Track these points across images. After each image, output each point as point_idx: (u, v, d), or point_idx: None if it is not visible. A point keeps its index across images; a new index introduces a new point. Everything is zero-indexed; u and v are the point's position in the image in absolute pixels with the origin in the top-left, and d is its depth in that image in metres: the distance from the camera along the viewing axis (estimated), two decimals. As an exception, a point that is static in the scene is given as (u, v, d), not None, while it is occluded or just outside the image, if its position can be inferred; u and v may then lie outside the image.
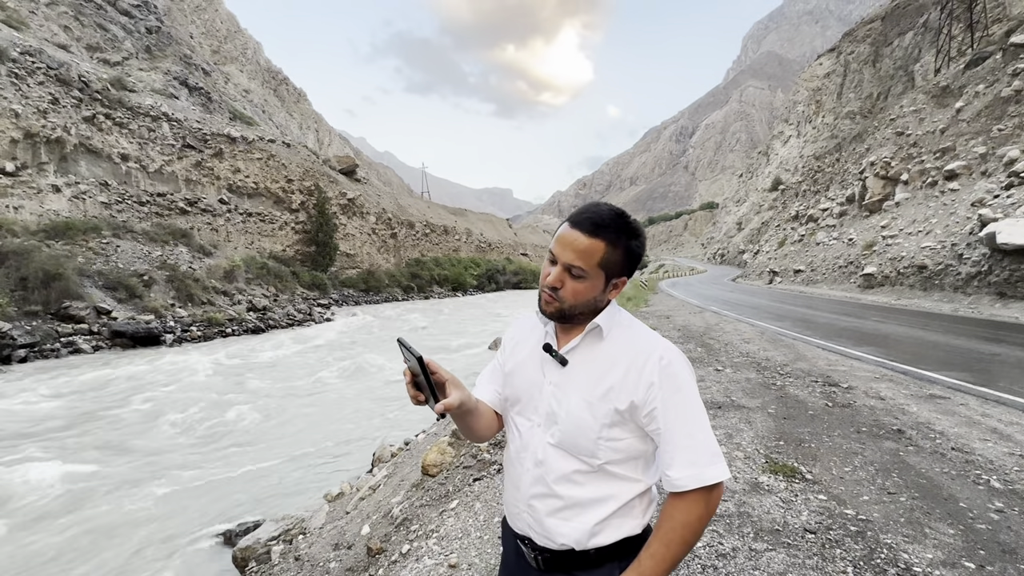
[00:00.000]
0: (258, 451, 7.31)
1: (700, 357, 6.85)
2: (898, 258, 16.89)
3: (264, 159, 32.03)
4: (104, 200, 22.17)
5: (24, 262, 15.07)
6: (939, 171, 19.37)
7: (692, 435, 0.92)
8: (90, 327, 15.32)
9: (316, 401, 10.05)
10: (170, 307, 18.45)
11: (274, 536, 4.31)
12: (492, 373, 1.18)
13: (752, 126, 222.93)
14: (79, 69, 22.74)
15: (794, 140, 62.74)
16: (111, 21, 32.31)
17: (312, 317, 24.14)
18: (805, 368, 6.11)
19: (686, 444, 0.92)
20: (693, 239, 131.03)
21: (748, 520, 2.52)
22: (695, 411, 0.94)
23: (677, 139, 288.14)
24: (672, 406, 0.93)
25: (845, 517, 2.54)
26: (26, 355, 12.95)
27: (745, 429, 3.90)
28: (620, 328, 1.01)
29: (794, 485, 2.91)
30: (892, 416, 4.19)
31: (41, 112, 19.96)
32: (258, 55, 70.80)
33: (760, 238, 46.91)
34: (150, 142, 25.35)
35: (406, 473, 4.38)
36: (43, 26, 26.83)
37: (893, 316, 11.44)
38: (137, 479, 6.30)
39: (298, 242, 33.50)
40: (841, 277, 20.66)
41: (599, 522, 0.97)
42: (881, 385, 5.24)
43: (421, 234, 50.87)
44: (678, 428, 0.93)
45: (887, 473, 3.07)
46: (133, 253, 19.88)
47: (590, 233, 0.93)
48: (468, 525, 2.76)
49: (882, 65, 44.03)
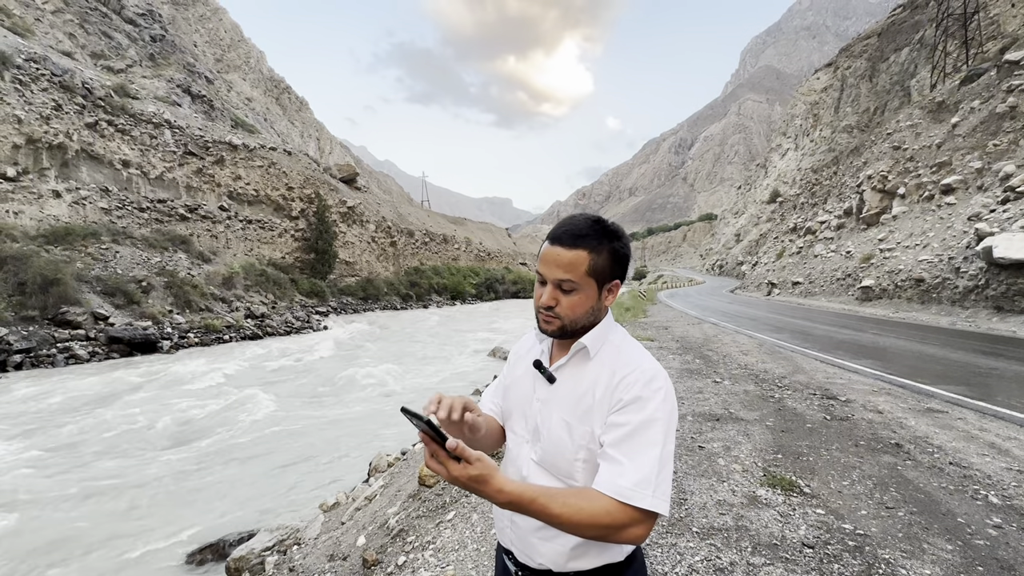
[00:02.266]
0: (252, 460, 7.26)
1: (698, 369, 6.84)
2: (896, 271, 16.95)
3: (265, 167, 32.16)
4: (104, 206, 22.20)
5: (22, 267, 15.05)
6: (936, 185, 19.52)
7: (632, 457, 0.86)
8: (87, 333, 15.26)
9: (311, 410, 9.99)
10: (168, 313, 18.40)
11: (268, 546, 4.27)
12: (497, 386, 1.21)
13: (750, 139, 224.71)
14: (83, 76, 22.90)
15: (792, 153, 63.21)
16: (116, 29, 32.60)
17: (310, 324, 24.08)
18: (803, 381, 6.10)
19: (619, 461, 0.86)
20: (692, 250, 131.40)
21: (746, 534, 2.50)
22: (651, 438, 0.87)
23: (676, 151, 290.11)
24: (628, 424, 0.88)
25: (843, 532, 2.53)
26: (22, 361, 12.88)
27: (743, 442, 3.89)
28: (610, 347, 0.99)
29: (792, 499, 2.90)
30: (890, 430, 4.19)
31: (44, 118, 20.06)
32: (261, 64, 71.36)
33: (758, 250, 47.05)
34: (152, 149, 25.46)
35: (403, 483, 4.35)
36: (48, 33, 27.07)
37: (891, 329, 11.46)
38: (129, 487, 6.24)
39: (297, 249, 33.52)
40: (839, 289, 20.71)
41: (577, 545, 0.94)
42: (879, 398, 5.23)
43: (420, 243, 50.94)
44: (622, 446, 0.87)
45: (885, 487, 3.06)
46: (132, 259, 19.86)
47: (570, 246, 0.93)
48: (465, 537, 2.74)
49: (879, 80, 44.52)
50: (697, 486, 3.08)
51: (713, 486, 3.08)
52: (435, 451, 0.80)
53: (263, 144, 33.41)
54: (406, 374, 13.46)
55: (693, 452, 3.67)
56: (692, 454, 3.63)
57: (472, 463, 0.79)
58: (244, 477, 6.65)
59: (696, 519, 2.67)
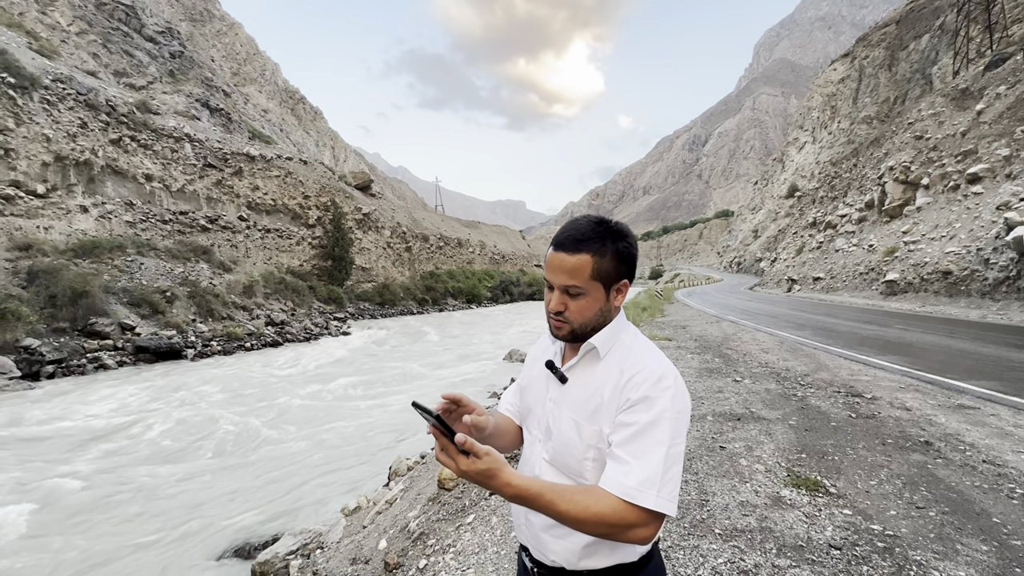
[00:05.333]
0: (274, 464, 7.38)
1: (718, 368, 6.74)
2: (921, 264, 16.49)
3: (282, 176, 32.73)
4: (129, 219, 22.84)
5: (53, 280, 15.56)
6: (961, 175, 18.95)
7: (639, 456, 0.86)
8: (115, 343, 15.70)
9: (332, 414, 10.11)
10: (191, 322, 18.83)
11: (292, 550, 4.33)
12: (515, 388, 1.23)
13: (766, 133, 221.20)
14: (106, 94, 23.63)
15: (810, 146, 62.05)
16: (137, 47, 33.58)
17: (329, 331, 24.39)
18: (827, 378, 5.97)
19: (626, 460, 0.87)
20: (708, 248, 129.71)
21: (770, 535, 2.46)
22: (657, 438, 0.87)
23: (690, 148, 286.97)
24: (635, 423, 0.89)
25: (872, 533, 2.46)
26: (54, 371, 13.30)
27: (765, 441, 3.83)
28: (620, 347, 1.00)
29: (817, 499, 2.84)
30: (919, 427, 4.07)
31: (71, 136, 20.75)
32: (276, 76, 72.76)
33: (777, 246, 46.25)
34: (173, 162, 26.13)
35: (422, 487, 4.37)
36: (73, 54, 28.01)
37: (917, 323, 11.14)
38: (155, 491, 6.40)
39: (315, 257, 34.01)
40: (862, 284, 20.23)
41: (589, 544, 0.95)
42: (907, 395, 5.09)
43: (435, 247, 51.27)
44: (629, 446, 0.88)
45: (915, 487, 2.98)
46: (156, 270, 20.39)
47: (573, 250, 0.94)
48: (485, 540, 2.75)
49: (898, 69, 43.45)
50: (719, 487, 3.03)
51: (735, 487, 3.03)
52: (445, 445, 0.83)
53: (280, 154, 34.03)
54: (423, 377, 13.54)
55: (714, 452, 3.62)
56: (713, 454, 3.58)
57: (481, 457, 0.81)
58: (266, 481, 6.75)
59: (718, 520, 2.63)
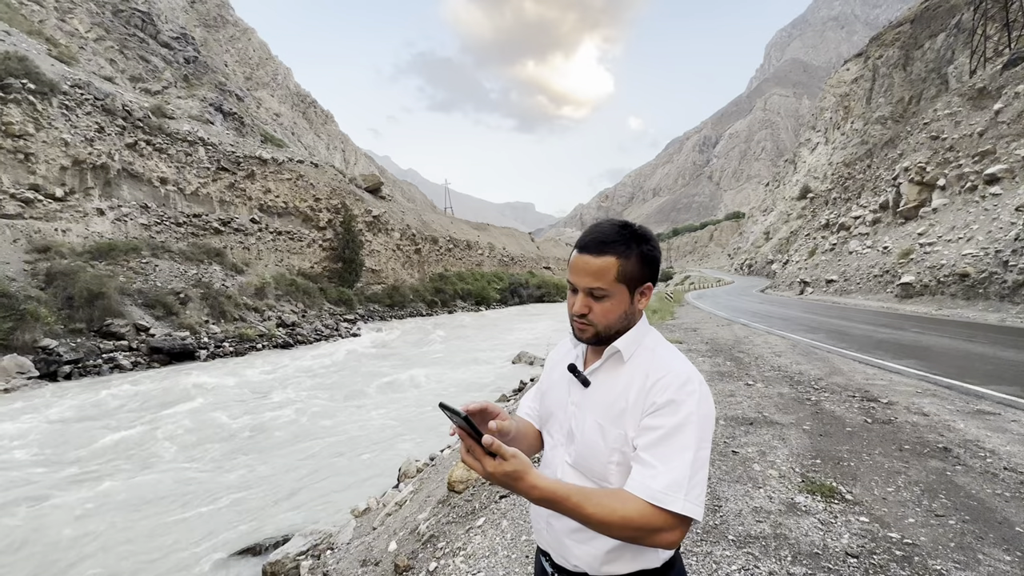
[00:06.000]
0: (284, 464, 7.43)
1: (729, 371, 6.67)
2: (937, 266, 16.21)
3: (293, 179, 33.06)
4: (144, 222, 23.20)
5: (71, 282, 15.84)
6: (979, 175, 18.61)
7: (665, 460, 0.86)
8: (130, 344, 15.93)
9: (341, 416, 10.17)
10: (204, 324, 19.06)
11: (303, 551, 4.35)
12: (535, 392, 1.23)
13: (777, 134, 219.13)
14: (123, 99, 24.05)
15: (822, 147, 61.36)
16: (152, 53, 34.16)
17: (339, 332, 24.55)
18: (841, 382, 5.89)
19: (652, 464, 0.86)
20: (719, 250, 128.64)
21: (785, 542, 2.42)
22: (684, 442, 0.86)
23: (700, 149, 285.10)
24: (661, 427, 0.88)
25: (890, 540, 2.42)
26: (70, 371, 13.54)
27: (779, 446, 3.77)
28: (644, 351, 1.00)
29: (833, 506, 2.79)
30: (937, 433, 3.99)
31: (88, 140, 21.13)
32: (288, 80, 73.57)
33: (789, 248, 45.75)
34: (187, 166, 26.50)
35: (432, 489, 4.37)
36: (91, 60, 28.55)
37: (934, 327, 10.95)
38: (167, 490, 6.47)
39: (325, 259, 34.27)
40: (876, 287, 19.92)
41: (612, 549, 0.95)
42: (924, 400, 5.00)
43: (444, 249, 51.41)
44: (655, 449, 0.87)
45: (934, 494, 2.91)
46: (170, 272, 20.68)
47: (598, 253, 0.94)
48: (495, 543, 2.74)
49: (913, 68, 42.84)
50: (732, 492, 2.99)
51: (748, 492, 2.99)
52: (471, 447, 0.83)
53: (291, 157, 34.38)
54: (431, 379, 13.57)
55: (726, 457, 3.58)
56: (725, 459, 3.54)
57: (507, 459, 0.81)
58: (276, 481, 6.80)
59: (732, 526, 2.59)
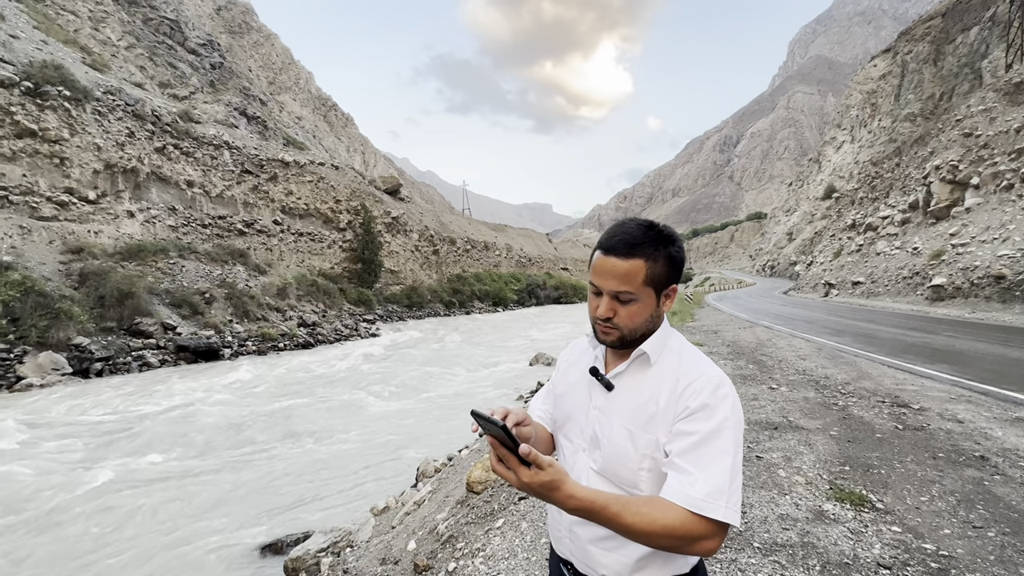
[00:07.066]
0: (305, 462, 7.54)
1: (752, 375, 6.54)
2: (971, 268, 15.64)
3: (314, 181, 33.61)
4: (172, 223, 23.86)
5: (102, 282, 16.37)
6: (1015, 173, 17.91)
7: (702, 467, 0.83)
8: (157, 342, 16.39)
9: (359, 414, 10.28)
10: (228, 323, 19.49)
11: (323, 548, 4.40)
12: (546, 394, 1.19)
13: (801, 133, 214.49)
14: (152, 104, 24.78)
15: (848, 145, 59.83)
16: (180, 60, 35.12)
17: (358, 332, 24.85)
18: (870, 387, 5.71)
19: (688, 471, 0.84)
20: (740, 251, 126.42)
21: (813, 551, 2.35)
22: (722, 447, 0.84)
23: (721, 149, 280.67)
24: (696, 432, 0.86)
25: (924, 552, 2.33)
26: (102, 368, 13.98)
27: (805, 452, 3.68)
28: (670, 354, 0.97)
29: (863, 514, 2.70)
30: (973, 441, 3.84)
31: (119, 145, 21.82)
32: (309, 84, 74.88)
33: (813, 249, 44.73)
34: (213, 169, 27.17)
35: (451, 489, 4.38)
36: (122, 67, 29.49)
37: (968, 331, 10.56)
38: (191, 486, 6.62)
39: (345, 260, 34.74)
40: (906, 289, 19.33)
41: (643, 557, 0.92)
42: (958, 407, 4.82)
43: (462, 250, 51.65)
44: (691, 455, 0.85)
45: (970, 504, 2.80)
46: (196, 272, 21.22)
47: (626, 255, 0.91)
48: (515, 545, 2.72)
49: (944, 64, 41.47)
50: (756, 498, 2.93)
51: (774, 499, 2.91)
52: (505, 456, 0.79)
53: (312, 160, 34.96)
54: (449, 379, 13.62)
55: (750, 462, 3.50)
56: (749, 464, 3.46)
57: (544, 468, 0.78)
58: (297, 478, 6.91)
59: (757, 533, 2.53)
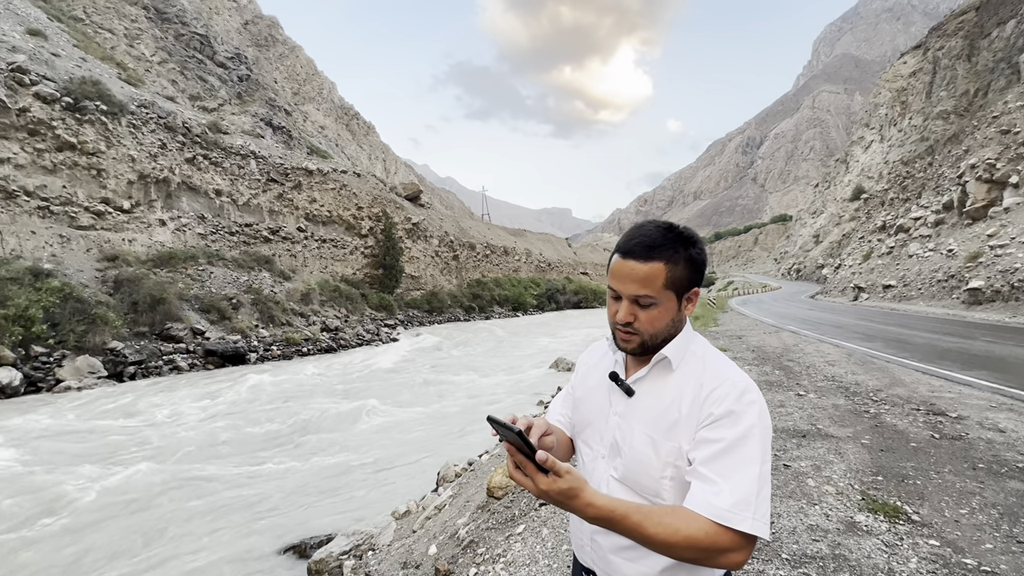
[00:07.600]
0: (326, 465, 7.63)
1: (778, 381, 6.38)
2: (1011, 270, 14.99)
3: (337, 189, 34.26)
4: (201, 231, 24.60)
5: (135, 288, 16.97)
6: (1057, 171, 17.14)
7: (728, 476, 0.80)
8: (187, 346, 16.88)
9: (381, 419, 10.38)
10: (254, 328, 19.96)
11: (345, 551, 4.45)
12: (564, 398, 1.17)
13: (827, 133, 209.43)
14: (183, 117, 25.67)
15: (877, 145, 58.15)
16: (209, 73, 36.32)
17: (379, 337, 25.16)
18: (903, 394, 5.51)
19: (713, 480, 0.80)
20: (765, 254, 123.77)
21: (845, 564, 2.27)
22: (748, 455, 0.81)
23: (744, 151, 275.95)
24: (721, 440, 0.83)
25: (964, 567, 2.22)
26: (135, 372, 14.46)
27: (835, 461, 3.56)
28: (693, 358, 0.94)
29: (898, 527, 2.60)
30: (1016, 451, 3.67)
31: (152, 156, 22.65)
32: (332, 94, 76.47)
33: (841, 251, 43.54)
34: (240, 178, 27.96)
35: (471, 494, 4.38)
36: (155, 81, 30.64)
37: (1008, 336, 10.10)
38: (218, 486, 6.77)
39: (367, 265, 35.25)
40: (940, 292, 18.62)
41: (666, 568, 0.89)
42: (999, 415, 4.61)
43: (482, 255, 51.86)
44: (715, 464, 0.82)
45: (1015, 518, 2.67)
46: (224, 279, 21.82)
47: (645, 258, 0.88)
48: (536, 552, 2.70)
49: (979, 59, 40.02)
50: (785, 508, 2.84)
51: (803, 509, 2.83)
52: (522, 463, 0.78)
53: (335, 168, 35.66)
54: (469, 384, 13.65)
55: (778, 471, 3.41)
56: (777, 473, 3.37)
57: (562, 476, 0.76)
58: (319, 481, 7.00)
59: (785, 544, 2.46)
